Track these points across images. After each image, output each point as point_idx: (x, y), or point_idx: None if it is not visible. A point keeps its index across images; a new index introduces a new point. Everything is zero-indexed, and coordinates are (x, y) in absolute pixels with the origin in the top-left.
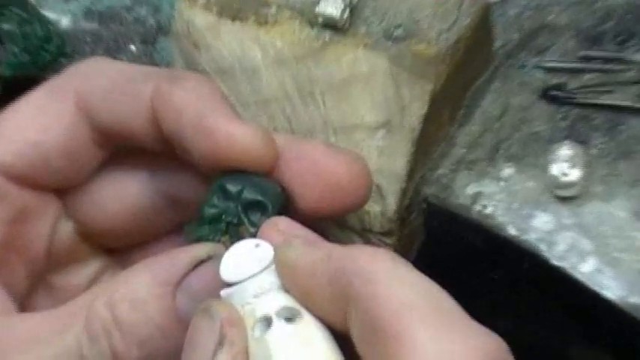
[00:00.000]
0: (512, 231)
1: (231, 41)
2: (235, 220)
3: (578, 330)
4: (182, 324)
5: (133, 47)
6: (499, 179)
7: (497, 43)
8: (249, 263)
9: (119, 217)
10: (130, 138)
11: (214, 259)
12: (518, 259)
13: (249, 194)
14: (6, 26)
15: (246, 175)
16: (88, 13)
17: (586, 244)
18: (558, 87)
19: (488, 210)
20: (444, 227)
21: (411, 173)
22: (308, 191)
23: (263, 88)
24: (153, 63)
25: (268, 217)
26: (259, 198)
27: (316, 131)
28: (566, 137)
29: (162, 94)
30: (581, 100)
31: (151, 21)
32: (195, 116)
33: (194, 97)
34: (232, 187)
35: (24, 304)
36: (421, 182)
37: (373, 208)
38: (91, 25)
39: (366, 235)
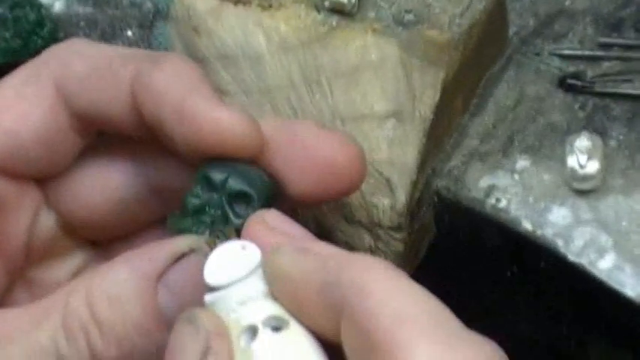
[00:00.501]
0: (527, 226)
1: (234, 26)
2: (219, 212)
3: (597, 328)
4: (163, 321)
5: (129, 32)
6: (513, 172)
7: (512, 30)
8: (234, 267)
9: (102, 208)
10: (110, 124)
11: (197, 252)
12: (533, 255)
13: (234, 184)
14: None
15: (231, 163)
16: None
17: (605, 239)
18: (576, 75)
19: (502, 204)
20: (456, 222)
21: (422, 165)
22: (300, 176)
23: (267, 76)
24: (150, 49)
25: (254, 208)
26: (245, 188)
27: (323, 121)
28: (583, 128)
29: (142, 78)
30: (600, 90)
31: (148, 5)
32: (175, 101)
33: (175, 80)
34: (216, 177)
35: (2, 300)
36: (432, 174)
37: (382, 201)
38: (85, 9)
39: (374, 229)
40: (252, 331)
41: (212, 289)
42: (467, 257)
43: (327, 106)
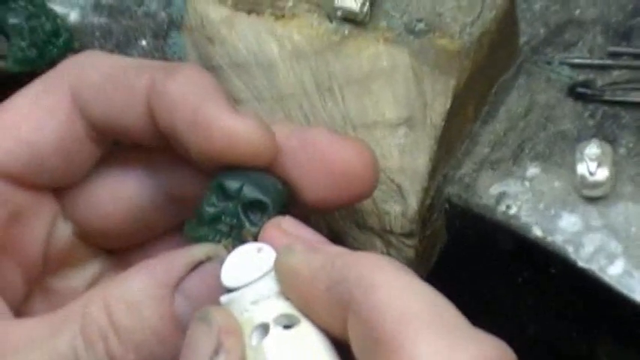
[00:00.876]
0: (537, 232)
1: (247, 35)
2: (235, 221)
3: (607, 334)
4: (180, 328)
5: (143, 42)
6: (524, 179)
7: (523, 39)
8: (249, 268)
9: (117, 217)
10: (126, 134)
11: (213, 260)
12: (544, 262)
13: (248, 192)
14: (13, 20)
15: (245, 172)
16: (97, 7)
17: (614, 245)
18: (586, 84)
19: (513, 210)
20: (467, 228)
21: (433, 172)
22: (313, 182)
23: (280, 83)
24: (164, 58)
25: (269, 215)
26: (259, 196)
27: (335, 128)
28: (593, 136)
29: (156, 88)
30: (610, 98)
31: (163, 15)
32: (189, 110)
33: (189, 89)
34: (231, 185)
35: (21, 309)
36: (444, 182)
37: (394, 208)
38: (99, 20)
39: (386, 236)
40: (264, 328)
41: (228, 290)
42: (478, 263)
43: (339, 113)
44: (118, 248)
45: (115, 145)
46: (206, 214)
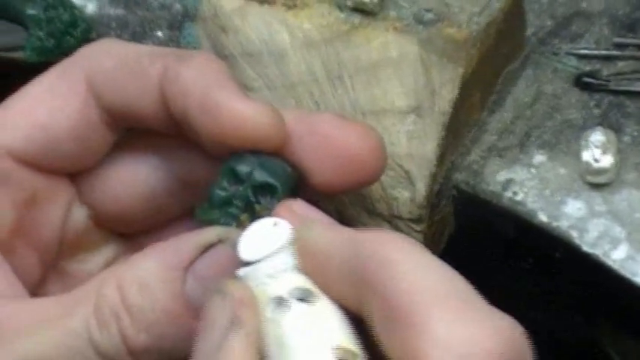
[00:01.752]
0: (543, 218)
1: (259, 24)
2: (245, 204)
3: (610, 317)
4: (191, 309)
5: (159, 33)
6: (530, 166)
7: (530, 30)
8: (266, 242)
9: (131, 201)
10: (139, 119)
11: (224, 243)
12: (549, 247)
13: (258, 176)
14: (31, 11)
15: (255, 156)
16: None
17: (618, 231)
18: (592, 74)
19: (519, 197)
20: (474, 214)
21: (441, 158)
22: (321, 166)
23: (291, 72)
24: (179, 48)
25: (279, 199)
26: (269, 180)
27: (345, 115)
28: (598, 125)
29: (169, 74)
30: (615, 88)
31: (177, 6)
32: (200, 95)
33: (200, 76)
34: (242, 169)
35: (36, 292)
36: (451, 169)
37: (402, 194)
38: (116, 11)
39: (394, 221)
40: (279, 301)
41: (244, 264)
42: (485, 248)
43: (349, 100)
44: (132, 232)
45: (129, 131)
46: (217, 197)
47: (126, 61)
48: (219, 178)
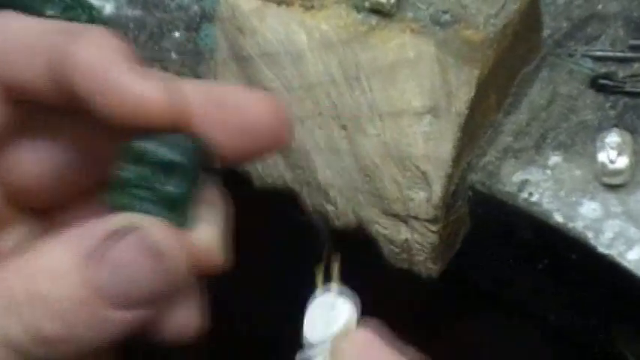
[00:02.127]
0: (558, 219)
1: (277, 25)
2: (153, 184)
3: (625, 318)
4: (105, 297)
5: (176, 34)
6: (546, 167)
7: (546, 32)
8: (322, 326)
9: (41, 177)
10: (35, 95)
11: (136, 229)
12: (564, 248)
13: (163, 155)
14: (50, 12)
15: (159, 134)
16: (132, 0)
17: (633, 232)
18: (607, 76)
19: (535, 198)
20: (490, 215)
21: (457, 159)
22: (228, 137)
23: (308, 73)
24: (197, 50)
25: (189, 177)
26: (175, 158)
27: (362, 116)
28: (614, 126)
29: (59, 51)
30: (630, 89)
31: (195, 7)
32: (91, 73)
33: (92, 53)
34: (144, 149)
35: None
36: (467, 169)
37: (418, 194)
38: (134, 12)
39: (410, 222)
40: None
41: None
42: (500, 249)
43: (366, 101)
44: (46, 208)
45: (34, 105)
46: (124, 180)
47: (17, 36)
48: (122, 159)
